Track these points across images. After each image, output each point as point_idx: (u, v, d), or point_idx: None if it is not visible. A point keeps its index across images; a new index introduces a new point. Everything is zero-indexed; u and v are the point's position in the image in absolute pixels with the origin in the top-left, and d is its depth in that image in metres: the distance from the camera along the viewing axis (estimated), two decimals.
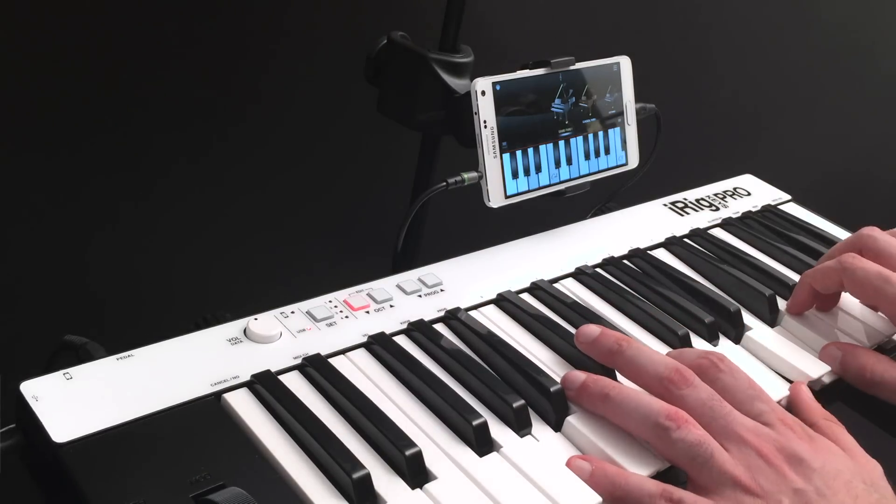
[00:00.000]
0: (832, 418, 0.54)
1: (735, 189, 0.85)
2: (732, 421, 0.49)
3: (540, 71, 0.70)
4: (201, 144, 0.97)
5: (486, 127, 0.66)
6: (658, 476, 0.49)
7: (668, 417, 0.48)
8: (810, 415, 0.54)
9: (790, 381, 0.59)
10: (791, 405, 0.56)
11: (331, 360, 0.54)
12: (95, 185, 0.91)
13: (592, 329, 0.56)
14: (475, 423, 0.49)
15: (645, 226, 0.76)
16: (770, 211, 0.82)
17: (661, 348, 0.60)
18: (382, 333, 0.57)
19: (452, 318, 0.60)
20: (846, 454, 0.50)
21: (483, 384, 0.53)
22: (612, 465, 0.49)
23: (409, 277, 0.63)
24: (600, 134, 0.74)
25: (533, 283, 0.65)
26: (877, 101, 1.55)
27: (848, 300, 0.66)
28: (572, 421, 0.51)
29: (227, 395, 0.50)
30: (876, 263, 0.60)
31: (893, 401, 0.58)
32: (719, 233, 0.77)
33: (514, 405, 0.51)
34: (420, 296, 0.62)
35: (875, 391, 0.59)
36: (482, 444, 0.49)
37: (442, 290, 0.63)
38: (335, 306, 0.59)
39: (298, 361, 0.54)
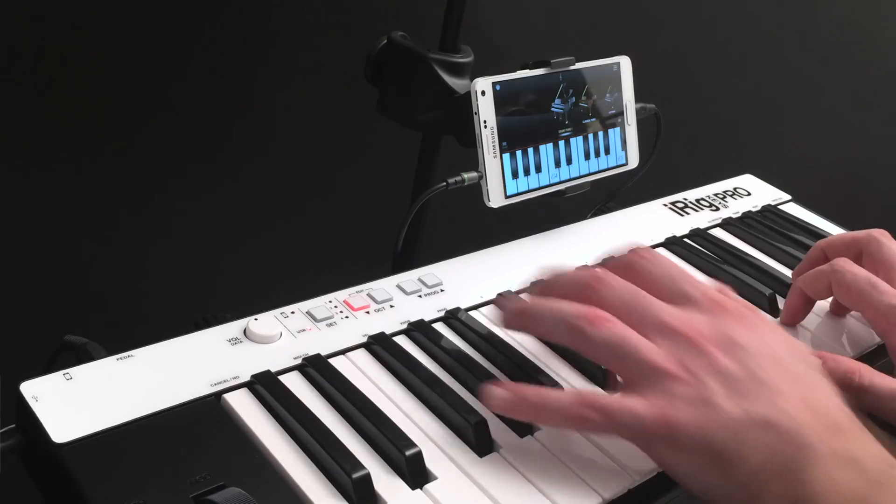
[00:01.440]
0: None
1: (735, 189, 0.85)
2: (656, 310, 0.48)
3: (540, 71, 0.70)
4: (201, 145, 0.96)
5: (486, 127, 0.66)
6: (655, 479, 0.49)
7: (580, 317, 0.47)
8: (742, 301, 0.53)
9: None
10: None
11: (331, 361, 0.54)
12: (95, 186, 0.91)
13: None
14: (475, 423, 0.49)
15: (645, 226, 0.76)
16: (770, 211, 0.82)
17: None
18: (382, 333, 0.57)
19: (452, 318, 0.60)
20: (782, 338, 0.48)
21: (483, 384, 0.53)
22: (528, 386, 0.49)
23: (409, 277, 0.63)
24: (600, 134, 0.74)
25: (533, 283, 0.65)
26: (877, 101, 1.55)
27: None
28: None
29: (227, 396, 0.50)
30: (866, 270, 0.59)
31: (880, 409, 0.55)
32: (719, 233, 0.77)
33: None
34: (420, 296, 0.62)
35: (862, 399, 0.55)
36: (482, 444, 0.49)
37: (442, 290, 0.63)
38: (335, 306, 0.59)
39: (298, 362, 0.54)
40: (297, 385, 0.52)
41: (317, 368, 0.53)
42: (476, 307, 0.62)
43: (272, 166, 1.02)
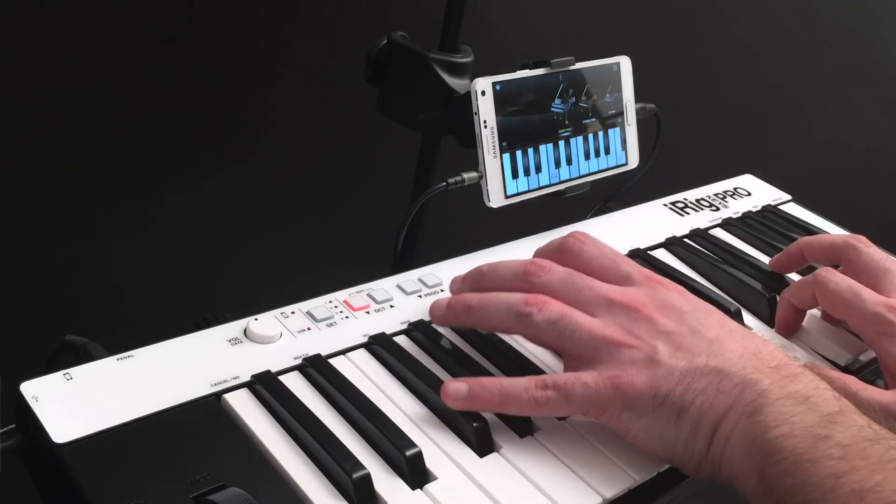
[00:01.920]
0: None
1: (735, 189, 0.85)
2: (596, 288, 0.50)
3: (540, 71, 0.70)
4: (200, 145, 0.97)
5: (486, 127, 0.66)
6: (655, 479, 0.49)
7: (525, 303, 0.49)
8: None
9: None
10: None
11: (331, 361, 0.54)
12: (95, 186, 0.91)
13: (457, 279, 0.58)
14: (475, 423, 0.49)
15: (645, 226, 0.76)
16: (770, 211, 0.82)
17: None
18: (383, 334, 0.57)
19: None
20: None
21: None
22: (487, 377, 0.50)
23: (409, 277, 0.63)
24: (600, 134, 0.74)
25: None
26: (877, 101, 1.55)
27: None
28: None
29: (227, 396, 0.50)
30: (849, 278, 0.60)
31: None
32: (719, 233, 0.77)
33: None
34: (420, 296, 0.62)
35: None
36: (482, 444, 0.49)
37: (442, 291, 0.63)
38: (335, 306, 0.59)
39: (299, 362, 0.54)
40: (297, 385, 0.52)
41: (317, 368, 0.53)
42: None
43: (271, 167, 1.02)
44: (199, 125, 0.95)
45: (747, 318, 0.65)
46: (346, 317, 0.58)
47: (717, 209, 0.81)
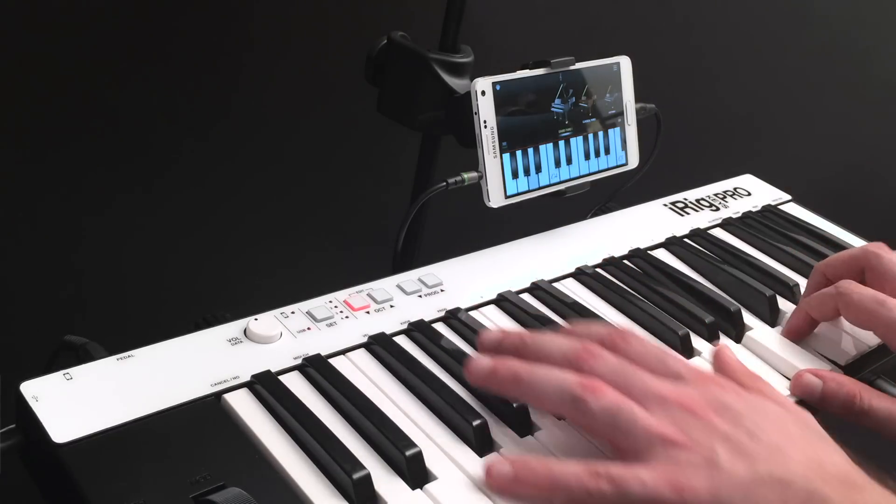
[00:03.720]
0: (757, 377, 0.53)
1: (735, 189, 0.85)
2: (649, 383, 0.47)
3: (540, 71, 0.70)
4: (201, 144, 0.97)
5: (486, 127, 0.66)
6: None
7: (583, 388, 0.46)
8: (734, 374, 0.53)
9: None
10: (714, 368, 0.56)
11: (331, 361, 0.54)
12: (95, 186, 0.91)
13: (494, 332, 0.53)
14: (475, 423, 0.49)
15: (645, 226, 0.76)
16: (770, 211, 0.82)
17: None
18: (382, 334, 0.57)
19: (452, 318, 0.60)
20: (775, 402, 0.48)
21: None
22: (534, 458, 0.47)
23: (409, 277, 0.63)
24: (600, 134, 0.74)
25: (533, 283, 0.65)
26: (877, 100, 1.55)
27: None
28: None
29: (227, 396, 0.50)
30: (871, 288, 0.59)
31: (877, 430, 0.56)
32: (719, 233, 0.77)
33: (515, 405, 0.51)
34: (420, 296, 0.62)
35: (861, 420, 0.56)
36: (482, 444, 0.49)
37: (442, 290, 0.63)
38: (335, 306, 0.59)
39: (299, 362, 0.54)
40: (297, 385, 0.52)
41: (317, 368, 0.53)
42: (476, 307, 0.62)
43: (272, 166, 1.02)
44: (199, 125, 0.95)
45: (747, 318, 0.65)
46: (346, 317, 0.58)
47: (717, 209, 0.81)
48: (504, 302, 0.63)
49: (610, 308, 0.65)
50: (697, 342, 0.61)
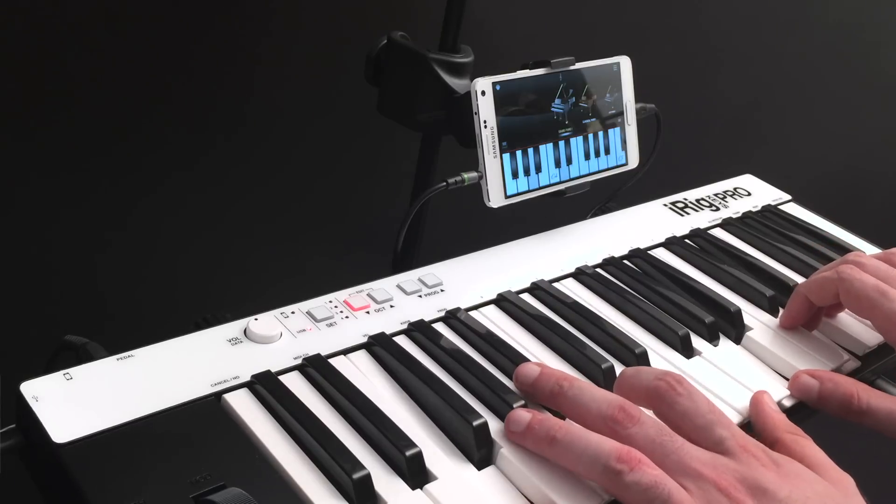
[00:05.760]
0: (797, 430, 0.51)
1: (735, 189, 0.85)
2: (686, 455, 0.46)
3: (540, 71, 0.70)
4: (202, 146, 0.97)
5: (486, 127, 0.66)
6: None
7: (619, 459, 0.45)
8: (774, 430, 0.51)
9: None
10: (752, 418, 0.54)
11: (331, 361, 0.54)
12: (95, 186, 0.91)
13: (531, 369, 0.52)
14: (475, 423, 0.49)
15: (645, 226, 0.76)
16: (770, 211, 0.82)
17: (661, 348, 0.60)
18: (383, 334, 0.57)
19: (452, 318, 0.60)
20: (815, 474, 0.47)
21: (483, 384, 0.53)
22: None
23: (409, 277, 0.63)
24: (600, 134, 0.74)
25: (533, 283, 0.65)
26: (877, 100, 1.55)
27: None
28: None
29: (227, 396, 0.50)
30: (874, 277, 0.58)
31: (878, 429, 0.55)
32: (719, 233, 0.77)
33: (515, 405, 0.51)
34: (420, 296, 0.62)
35: (860, 420, 0.56)
36: (482, 444, 0.49)
37: (442, 290, 0.63)
38: (335, 306, 0.59)
39: (299, 362, 0.54)
40: (297, 385, 0.52)
41: (317, 368, 0.53)
42: (476, 307, 0.62)
43: (272, 166, 1.02)
44: (201, 126, 0.95)
45: (747, 318, 0.65)
46: (346, 317, 0.58)
47: (717, 209, 0.81)
48: (504, 302, 0.63)
49: (610, 308, 0.65)
50: (697, 342, 0.61)
